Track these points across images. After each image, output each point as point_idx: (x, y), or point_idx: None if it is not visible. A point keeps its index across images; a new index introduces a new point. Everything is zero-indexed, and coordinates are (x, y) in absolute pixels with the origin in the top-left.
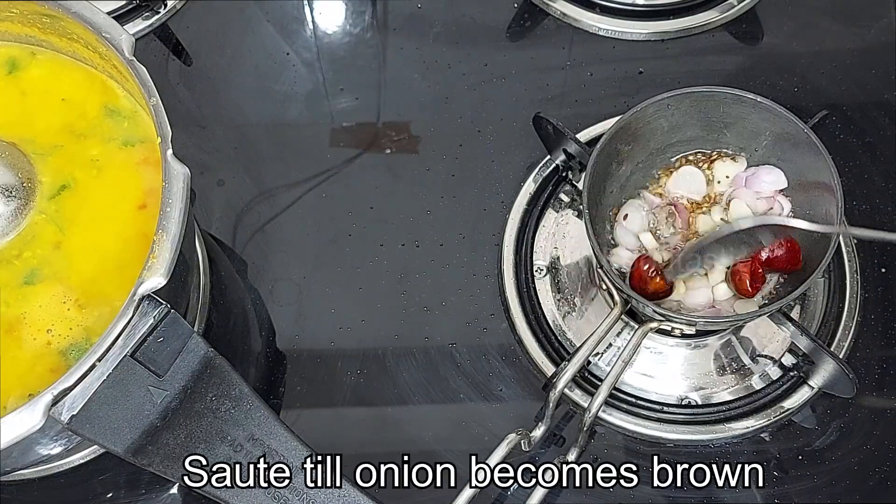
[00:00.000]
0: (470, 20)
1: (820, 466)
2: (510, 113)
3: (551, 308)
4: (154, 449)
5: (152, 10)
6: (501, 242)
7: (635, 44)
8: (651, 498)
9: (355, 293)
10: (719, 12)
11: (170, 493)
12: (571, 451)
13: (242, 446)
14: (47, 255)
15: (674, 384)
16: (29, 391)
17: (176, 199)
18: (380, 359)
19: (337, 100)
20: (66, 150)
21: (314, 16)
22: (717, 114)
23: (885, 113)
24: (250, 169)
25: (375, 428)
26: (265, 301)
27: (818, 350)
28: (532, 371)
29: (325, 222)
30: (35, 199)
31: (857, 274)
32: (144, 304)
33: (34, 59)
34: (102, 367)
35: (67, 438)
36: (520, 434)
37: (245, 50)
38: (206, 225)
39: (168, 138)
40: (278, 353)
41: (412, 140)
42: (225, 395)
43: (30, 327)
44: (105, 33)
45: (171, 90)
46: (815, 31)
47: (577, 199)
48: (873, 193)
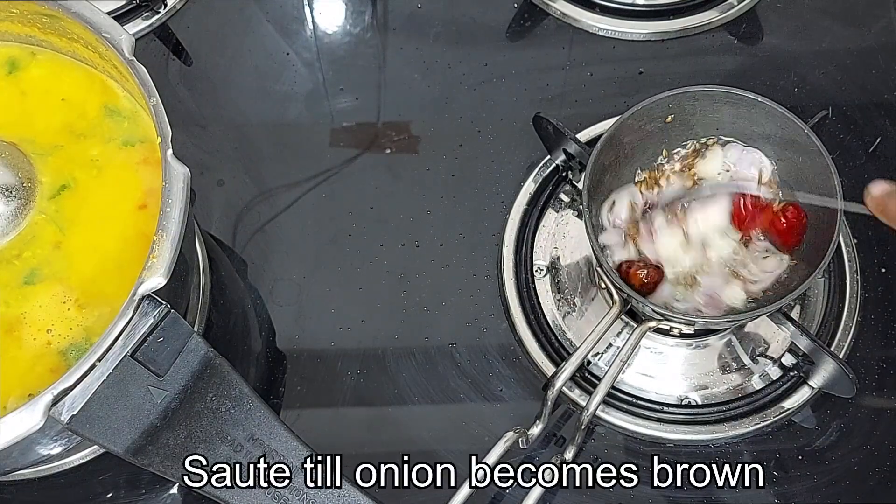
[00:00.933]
0: (470, 20)
1: (820, 466)
2: (510, 113)
3: (551, 308)
4: (154, 449)
5: (152, 10)
6: (501, 242)
7: (635, 44)
8: (651, 498)
9: (355, 293)
10: (719, 12)
11: (170, 493)
12: (569, 450)
13: (242, 446)
14: (47, 255)
15: (674, 384)
16: (29, 391)
17: (176, 199)
18: (380, 359)
19: (337, 100)
20: (66, 150)
21: (314, 16)
22: (716, 113)
23: (885, 113)
24: (250, 169)
25: (375, 428)
26: (265, 301)
27: (818, 350)
28: (532, 371)
29: (325, 222)
30: (35, 199)
31: (857, 274)
32: (144, 304)
33: (34, 59)
34: (102, 367)
35: (67, 438)
36: (517, 432)
37: (245, 50)
38: (206, 225)
39: (168, 138)
40: (278, 353)
41: (412, 140)
42: (225, 395)
43: (30, 327)
44: (105, 33)
45: (171, 90)
46: (815, 31)
47: (577, 199)
48: None
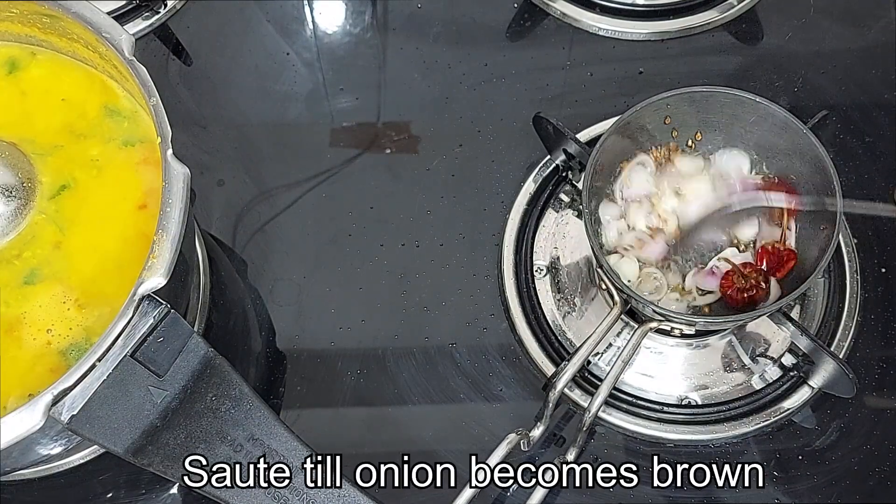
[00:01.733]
0: (470, 20)
1: (820, 466)
2: (510, 113)
3: (551, 308)
4: (154, 449)
5: (152, 10)
6: (501, 242)
7: (635, 44)
8: (651, 498)
9: (355, 293)
10: (719, 12)
11: (170, 493)
12: (570, 451)
13: (242, 446)
14: (47, 255)
15: (674, 384)
16: (29, 391)
17: (176, 199)
18: (380, 359)
19: (337, 100)
20: (66, 150)
21: (314, 16)
22: (716, 114)
23: (885, 113)
24: (250, 169)
25: (375, 428)
26: (265, 301)
27: (818, 350)
28: (532, 371)
29: (325, 222)
30: (35, 199)
31: (857, 274)
32: (144, 304)
33: (34, 59)
34: (102, 367)
35: (67, 438)
36: (520, 434)
37: (245, 50)
38: (206, 225)
39: (168, 138)
40: (278, 353)
41: (412, 140)
42: (225, 395)
43: (30, 327)
44: (105, 33)
45: (171, 90)
46: (815, 31)
47: (577, 199)
48: (873, 193)
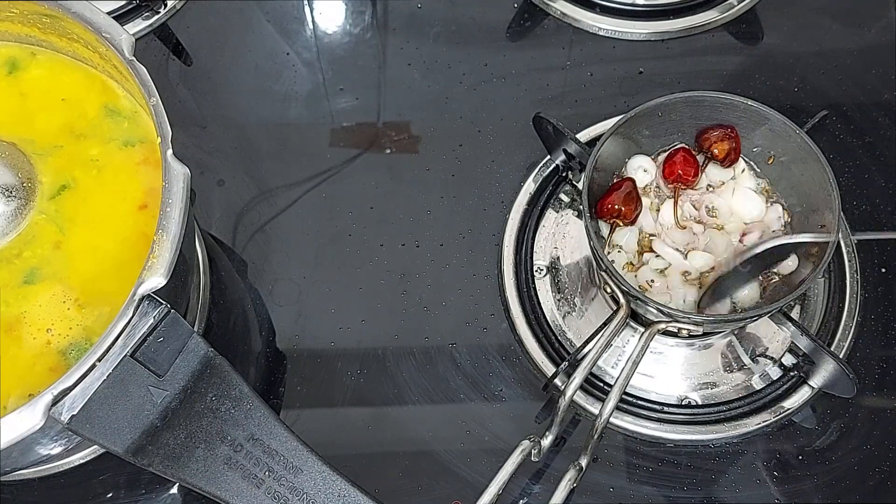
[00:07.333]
0: (470, 20)
1: (820, 466)
2: (510, 113)
3: (551, 308)
4: (154, 449)
5: (152, 10)
6: (501, 242)
7: (635, 44)
8: (651, 498)
9: (355, 293)
10: (719, 12)
11: (170, 493)
12: (582, 457)
13: (242, 446)
14: (47, 254)
15: (674, 384)
16: (29, 391)
17: (176, 199)
18: (380, 359)
19: (337, 100)
20: (66, 150)
21: (314, 16)
22: (714, 117)
23: (885, 113)
24: (250, 169)
25: (375, 428)
26: (265, 301)
27: (818, 350)
28: (532, 371)
29: (325, 222)
30: (35, 199)
31: (857, 274)
32: (144, 304)
33: (34, 59)
34: (102, 367)
35: (67, 438)
36: (532, 441)
37: (245, 50)
38: (206, 225)
39: (168, 138)
40: (278, 353)
41: (412, 140)
42: (225, 395)
43: (30, 327)
44: (105, 33)
45: (171, 90)
46: (815, 31)
47: (577, 199)
48: (873, 193)
